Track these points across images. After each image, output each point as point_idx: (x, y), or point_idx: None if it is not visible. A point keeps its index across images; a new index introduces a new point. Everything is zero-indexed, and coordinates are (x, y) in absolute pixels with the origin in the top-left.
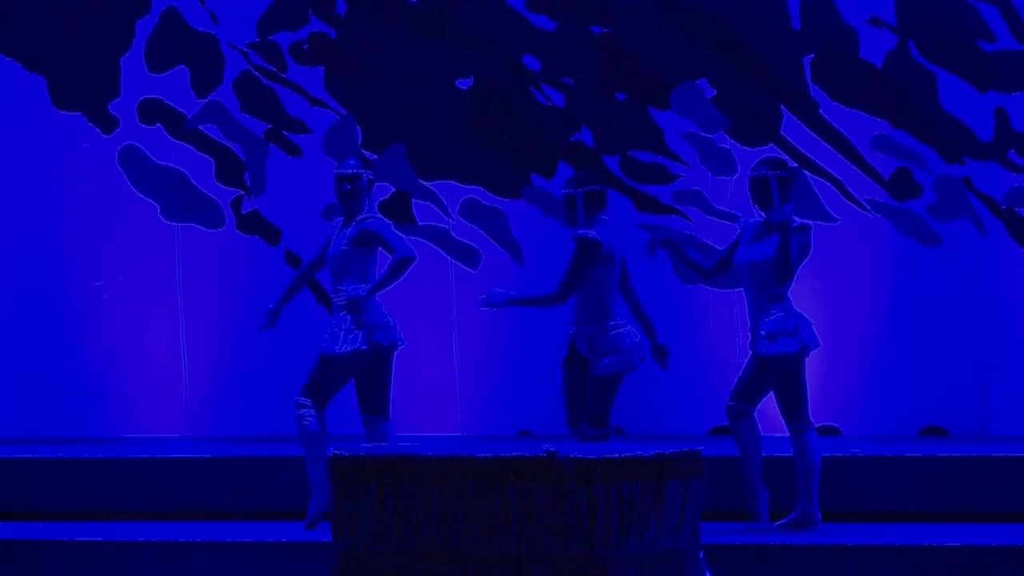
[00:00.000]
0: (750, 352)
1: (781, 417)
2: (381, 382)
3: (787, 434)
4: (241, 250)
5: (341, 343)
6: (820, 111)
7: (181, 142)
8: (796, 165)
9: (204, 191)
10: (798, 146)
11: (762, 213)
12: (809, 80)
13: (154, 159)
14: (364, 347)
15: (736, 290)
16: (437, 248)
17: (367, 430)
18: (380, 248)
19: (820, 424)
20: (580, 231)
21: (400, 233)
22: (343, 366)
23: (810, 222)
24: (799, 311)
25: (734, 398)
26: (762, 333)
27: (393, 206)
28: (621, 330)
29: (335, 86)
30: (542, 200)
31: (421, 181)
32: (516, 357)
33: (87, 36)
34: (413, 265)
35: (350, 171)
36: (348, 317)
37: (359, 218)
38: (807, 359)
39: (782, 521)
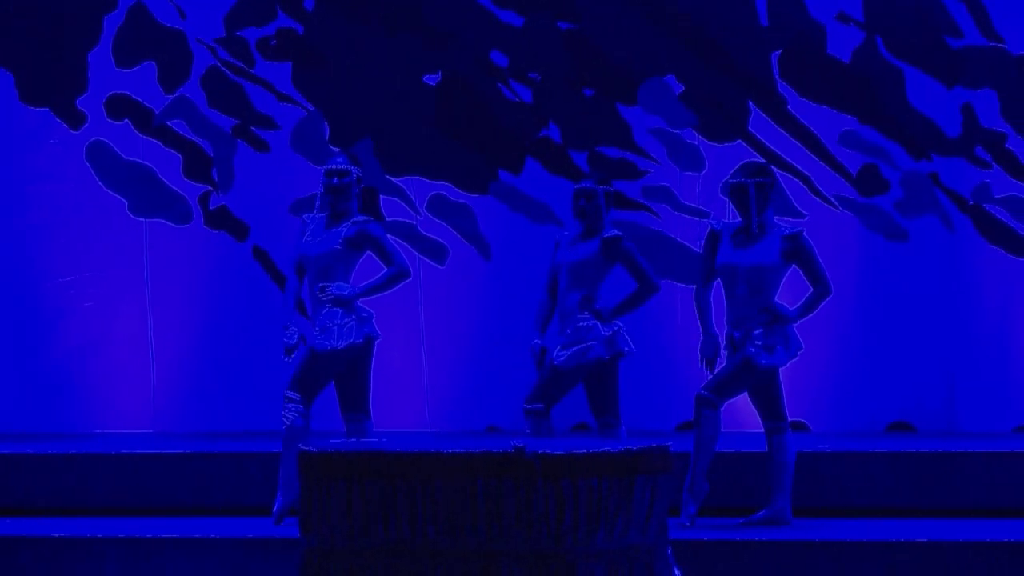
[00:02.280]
0: (738, 355)
1: (758, 415)
2: (364, 377)
3: (760, 431)
4: (209, 246)
5: (336, 338)
6: (788, 107)
7: (149, 138)
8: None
9: (172, 187)
10: (766, 142)
11: (740, 218)
12: (777, 76)
13: (122, 155)
14: (360, 340)
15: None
16: (405, 244)
17: (349, 428)
18: (370, 252)
19: (788, 420)
20: (615, 232)
21: (396, 245)
22: (336, 361)
23: (800, 226)
24: None
25: (710, 389)
26: (759, 343)
27: (361, 202)
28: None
29: (303, 82)
30: (510, 196)
31: (389, 177)
32: (485, 353)
33: (55, 31)
34: (406, 282)
35: (339, 166)
36: (338, 312)
37: (357, 219)
38: None
39: (754, 517)
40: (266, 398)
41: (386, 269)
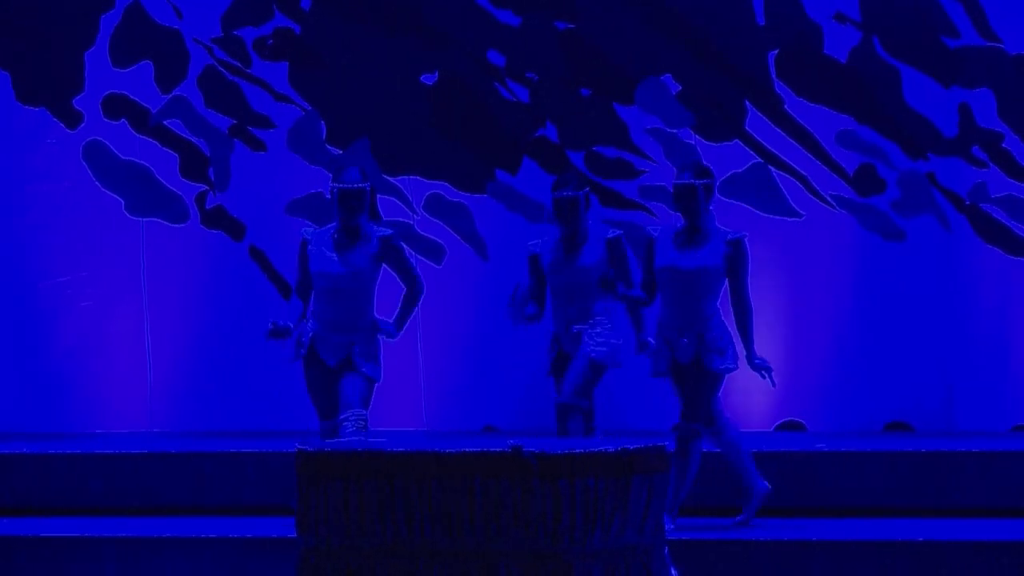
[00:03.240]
0: (690, 367)
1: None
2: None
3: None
4: (206, 245)
5: (377, 371)
6: (785, 107)
7: (146, 137)
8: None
9: (169, 186)
10: (763, 141)
11: (683, 219)
12: (774, 76)
13: (119, 154)
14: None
15: None
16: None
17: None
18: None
19: (785, 420)
20: (619, 232)
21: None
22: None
23: (743, 232)
24: None
25: (693, 419)
26: (710, 347)
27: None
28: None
29: (300, 81)
30: (507, 195)
31: (386, 176)
32: (482, 352)
33: (51, 31)
34: None
35: (356, 186)
36: (380, 339)
37: (380, 234)
38: None
39: (739, 519)
40: (263, 398)
41: (408, 290)
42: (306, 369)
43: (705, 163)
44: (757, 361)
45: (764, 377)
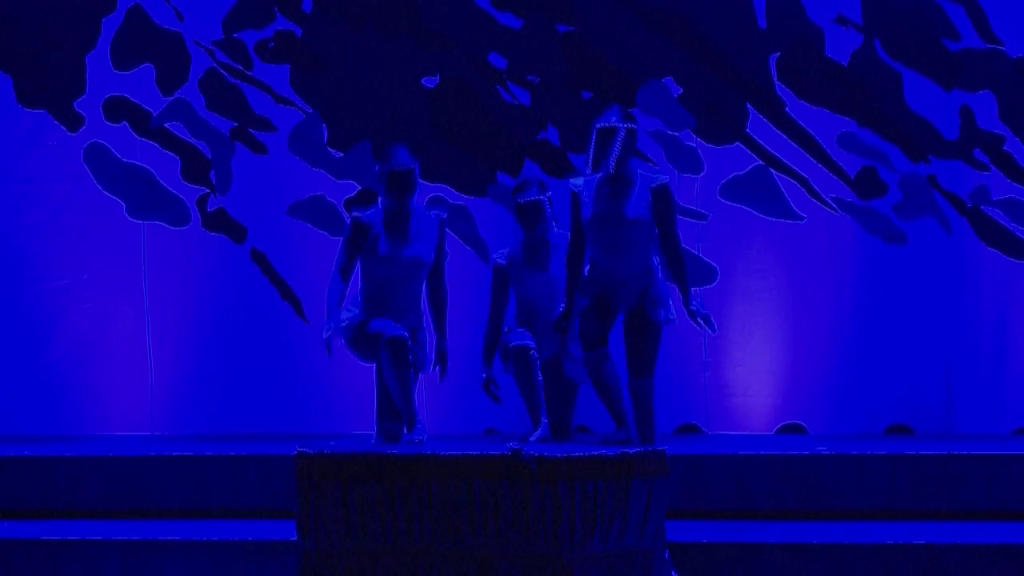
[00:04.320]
0: (630, 318)
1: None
2: None
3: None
4: (207, 248)
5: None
6: (786, 109)
7: (147, 140)
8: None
9: (170, 189)
10: (764, 144)
11: (602, 167)
12: (775, 78)
13: (120, 157)
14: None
15: (702, 287)
16: None
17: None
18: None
19: (786, 423)
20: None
21: None
22: None
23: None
24: None
25: (645, 374)
26: (653, 297)
27: (360, 204)
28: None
29: (301, 84)
30: (508, 198)
31: None
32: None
33: (53, 34)
34: None
35: (406, 167)
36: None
37: (440, 216)
38: None
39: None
40: (263, 401)
41: (440, 291)
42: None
43: (628, 108)
44: (693, 307)
45: (701, 325)
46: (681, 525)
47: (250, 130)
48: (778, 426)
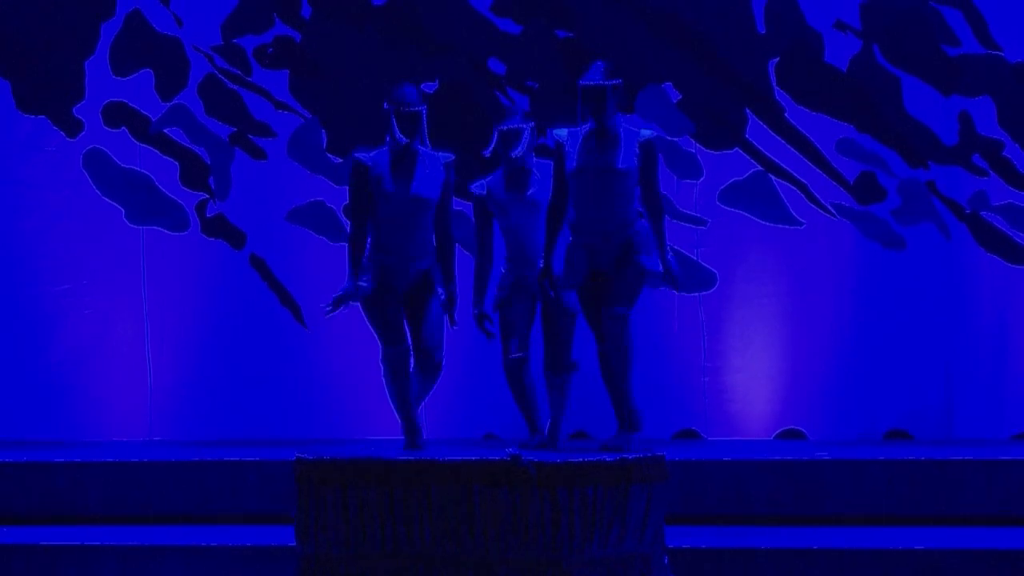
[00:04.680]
0: (613, 269)
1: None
2: None
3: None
4: (206, 253)
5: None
6: (785, 115)
7: (146, 145)
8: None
9: (169, 194)
10: (763, 150)
11: (591, 121)
12: (774, 84)
13: (119, 162)
14: None
15: (701, 293)
16: None
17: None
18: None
19: (785, 428)
20: None
21: None
22: None
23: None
24: None
25: (626, 304)
26: (638, 247)
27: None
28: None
29: (300, 90)
30: None
31: None
32: (482, 360)
33: (52, 39)
34: None
35: (413, 107)
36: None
37: (448, 159)
38: None
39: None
40: (263, 406)
41: (446, 233)
42: (371, 300)
43: (609, 64)
44: (669, 257)
45: (670, 282)
46: (680, 530)
47: (249, 136)
48: (777, 431)
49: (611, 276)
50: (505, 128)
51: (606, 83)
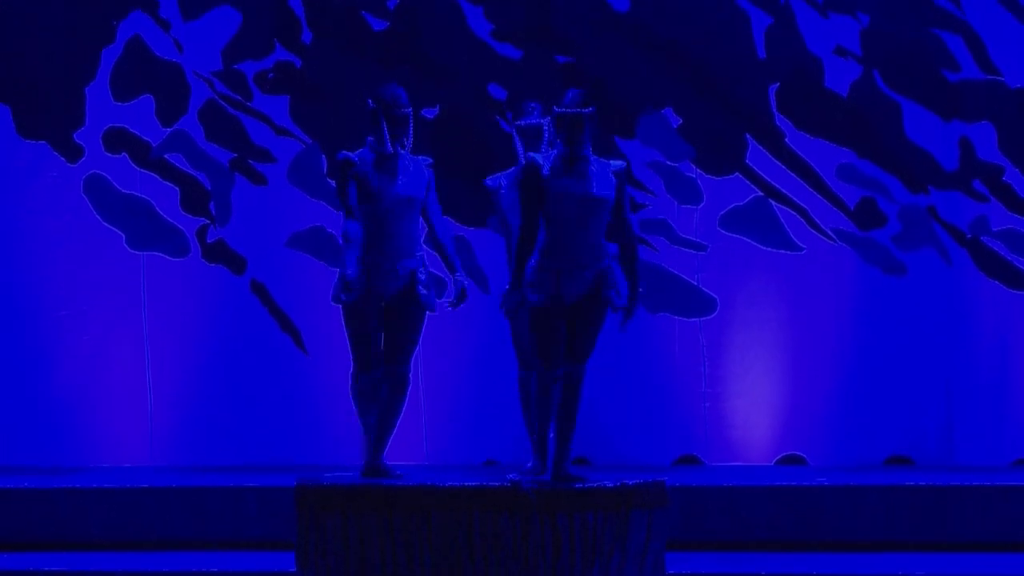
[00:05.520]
0: (582, 303)
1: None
2: None
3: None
4: (206, 279)
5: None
6: (785, 140)
7: (146, 171)
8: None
9: (169, 220)
10: (764, 175)
11: (564, 148)
12: (774, 109)
13: (119, 188)
14: None
15: (701, 318)
16: None
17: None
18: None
19: (786, 453)
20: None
21: None
22: None
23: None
24: None
25: (583, 359)
26: (610, 281)
27: None
28: None
29: (301, 115)
30: None
31: None
32: (483, 386)
33: (52, 65)
34: None
35: (402, 109)
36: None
37: (429, 162)
38: None
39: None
40: (263, 432)
41: (440, 227)
42: (356, 308)
43: (585, 90)
44: (642, 290)
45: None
46: (681, 557)
47: (250, 161)
48: (778, 457)
49: (578, 316)
50: (523, 124)
51: (583, 111)
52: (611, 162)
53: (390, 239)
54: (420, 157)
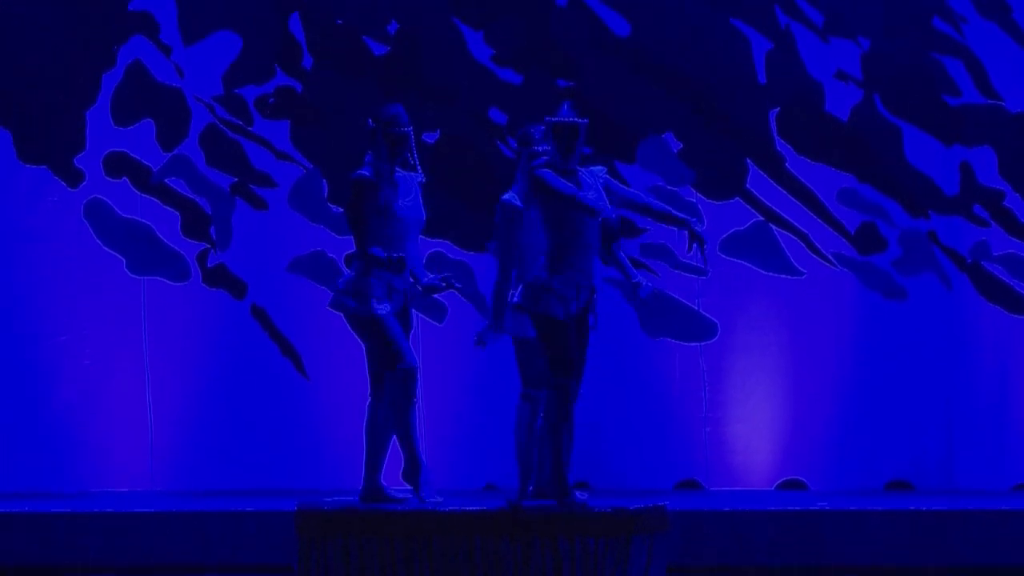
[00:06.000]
0: (577, 320)
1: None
2: None
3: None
4: (207, 304)
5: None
6: (786, 165)
7: (147, 195)
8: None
9: (170, 244)
10: (764, 200)
11: (560, 158)
12: (775, 134)
13: (120, 212)
14: None
15: (702, 343)
16: None
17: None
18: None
19: (787, 478)
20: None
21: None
22: None
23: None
24: None
25: (579, 376)
26: (594, 303)
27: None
28: None
29: (301, 140)
30: None
31: None
32: (483, 411)
33: (53, 89)
34: None
35: (403, 129)
36: None
37: (421, 180)
38: None
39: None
40: (264, 456)
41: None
42: (389, 317)
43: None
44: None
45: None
46: None
47: (250, 186)
48: (778, 482)
49: (575, 338)
50: (532, 151)
51: (578, 120)
52: (592, 168)
53: (406, 259)
54: (413, 175)
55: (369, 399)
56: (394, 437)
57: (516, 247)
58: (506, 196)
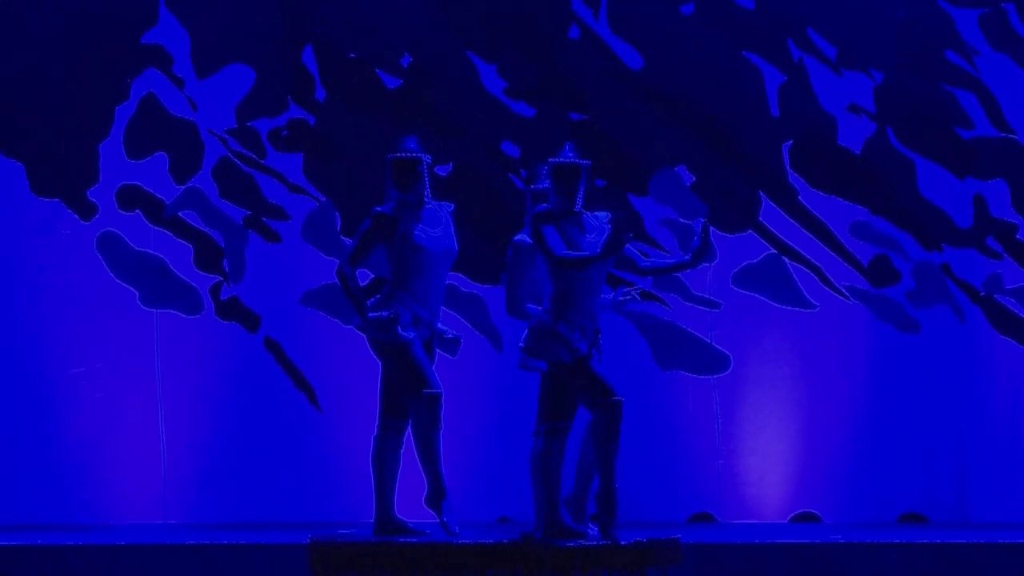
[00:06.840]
0: (592, 350)
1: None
2: None
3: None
4: (220, 336)
5: None
6: (799, 198)
7: (160, 228)
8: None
9: (183, 277)
10: (777, 232)
11: (562, 202)
12: (788, 167)
13: (133, 245)
14: None
15: (715, 376)
16: None
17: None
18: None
19: (800, 511)
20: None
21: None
22: None
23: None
24: None
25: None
26: (599, 343)
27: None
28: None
29: (314, 172)
30: None
31: None
32: (496, 443)
33: (66, 122)
34: None
35: (410, 155)
36: None
37: (450, 208)
38: None
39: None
40: (277, 489)
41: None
42: (416, 343)
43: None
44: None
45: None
46: None
47: (263, 219)
48: (792, 515)
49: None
50: (537, 188)
51: (579, 161)
52: (598, 214)
53: (427, 291)
54: (441, 204)
55: (376, 430)
56: (414, 463)
57: (527, 284)
58: (518, 237)
